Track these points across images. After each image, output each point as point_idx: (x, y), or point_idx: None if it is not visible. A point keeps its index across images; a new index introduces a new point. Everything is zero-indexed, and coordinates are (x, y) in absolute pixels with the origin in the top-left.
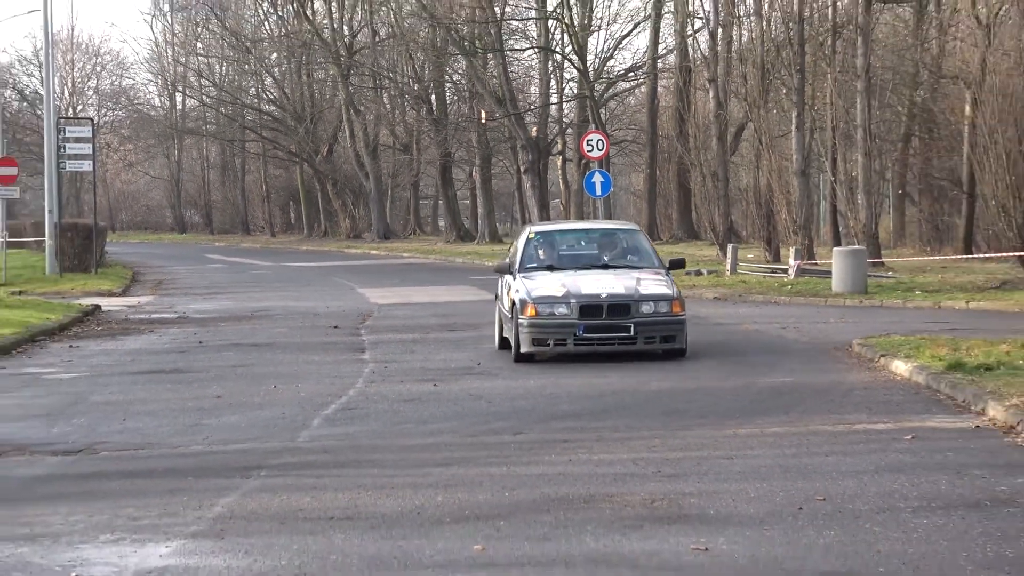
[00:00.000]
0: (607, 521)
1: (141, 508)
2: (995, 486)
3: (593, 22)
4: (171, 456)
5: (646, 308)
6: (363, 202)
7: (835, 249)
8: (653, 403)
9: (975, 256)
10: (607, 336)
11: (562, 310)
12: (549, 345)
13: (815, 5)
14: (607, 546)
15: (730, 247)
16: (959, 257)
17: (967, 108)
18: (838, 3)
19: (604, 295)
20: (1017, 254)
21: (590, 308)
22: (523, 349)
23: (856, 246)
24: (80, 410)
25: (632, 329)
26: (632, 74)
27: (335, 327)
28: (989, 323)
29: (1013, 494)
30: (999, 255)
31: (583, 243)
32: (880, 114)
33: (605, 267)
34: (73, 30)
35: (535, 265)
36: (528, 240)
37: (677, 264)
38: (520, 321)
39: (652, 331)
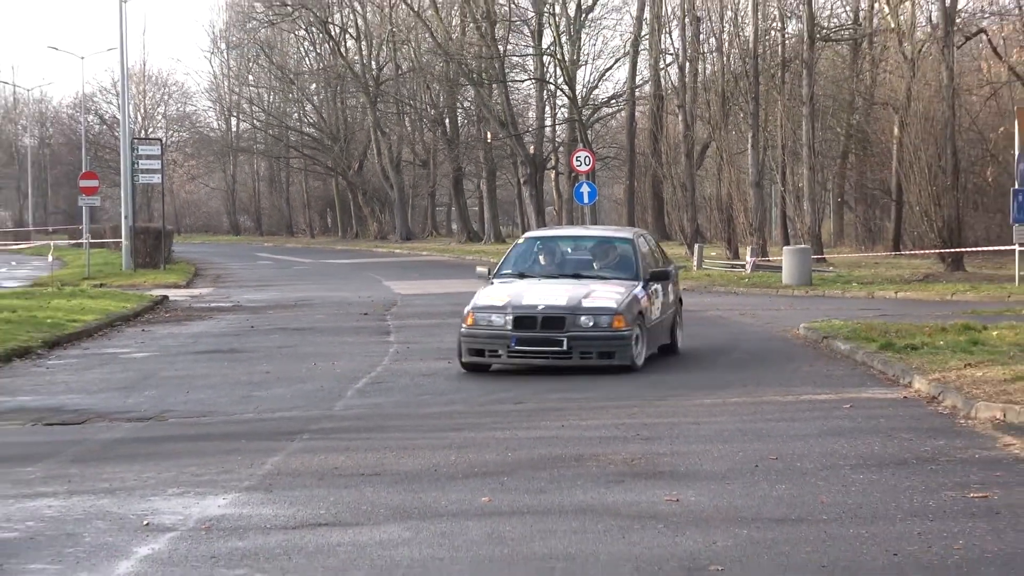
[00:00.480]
0: (594, 477)
1: (202, 466)
2: (920, 447)
3: (581, 57)
4: (227, 422)
5: (585, 321)
6: (388, 209)
7: (784, 248)
8: (632, 377)
9: (902, 253)
10: (540, 349)
11: (498, 320)
12: (484, 355)
13: (767, 42)
14: (594, 498)
15: (696, 246)
16: (889, 254)
17: (895, 129)
18: (786, 41)
19: (541, 306)
20: (938, 251)
21: (524, 319)
22: (463, 359)
23: (802, 245)
24: (151, 384)
25: (565, 343)
26: (614, 101)
27: (365, 314)
28: (915, 310)
29: (935, 454)
30: (922, 252)
31: (569, 251)
32: (822, 134)
33: (575, 276)
34: (145, 65)
35: (509, 272)
36: (515, 246)
37: (660, 276)
38: (460, 329)
39: (588, 346)
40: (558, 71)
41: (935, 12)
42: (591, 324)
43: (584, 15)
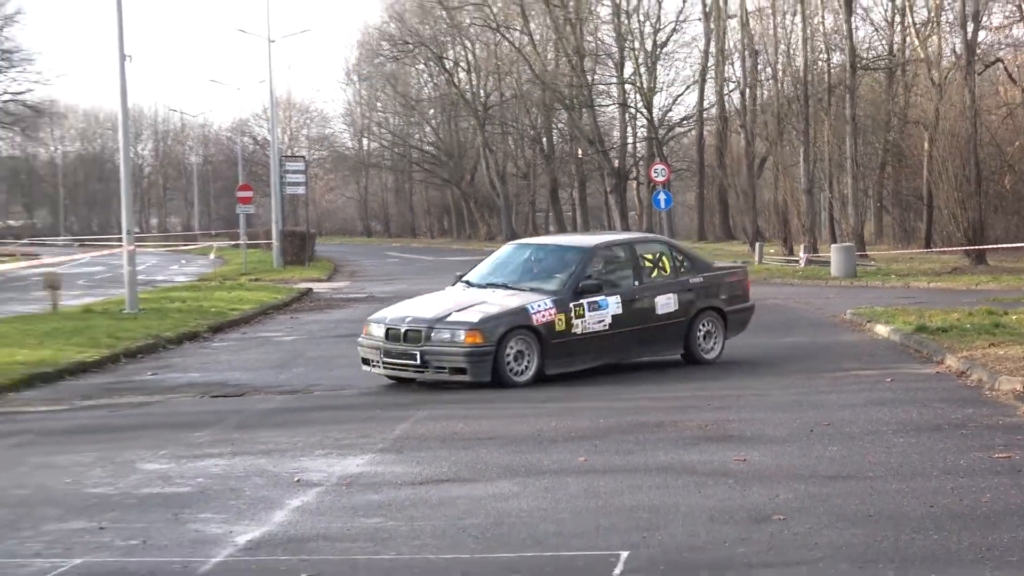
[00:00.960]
0: (673, 440)
1: (343, 432)
2: (951, 415)
3: (657, 85)
4: (363, 395)
5: (440, 336)
6: (495, 214)
7: (832, 245)
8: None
9: (933, 250)
10: (400, 362)
11: (377, 332)
12: (370, 364)
13: (815, 71)
14: (673, 458)
15: (757, 245)
16: (921, 251)
17: (925, 144)
18: (832, 70)
19: (408, 319)
20: (963, 248)
21: (392, 332)
22: (362, 367)
23: (847, 243)
24: (299, 362)
25: (419, 357)
26: (685, 122)
27: None
28: (945, 298)
29: (964, 420)
30: (950, 249)
31: (531, 259)
32: (863, 149)
33: (504, 287)
34: (290, 94)
35: (469, 278)
36: (492, 254)
37: (590, 289)
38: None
39: (441, 360)
40: (638, 97)
41: (958, 44)
42: (447, 338)
43: (659, 49)
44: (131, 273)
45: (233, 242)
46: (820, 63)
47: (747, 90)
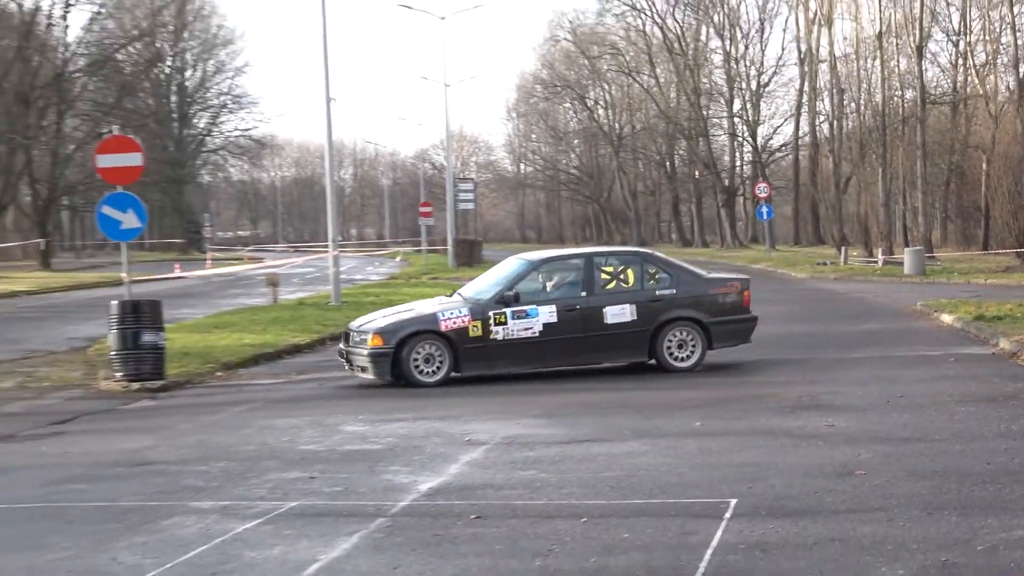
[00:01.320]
0: (773, 409)
1: (502, 404)
2: (1005, 388)
3: (760, 118)
4: (518, 374)
5: (359, 338)
6: (628, 225)
7: (905, 249)
8: (799, 340)
9: (989, 252)
10: (341, 360)
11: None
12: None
13: (891, 105)
14: (774, 423)
15: (843, 248)
16: (980, 253)
17: (983, 165)
18: (905, 104)
19: (355, 324)
20: (1015, 251)
21: (346, 334)
22: None
23: (918, 247)
24: None
25: (345, 355)
26: (784, 148)
27: None
28: (999, 292)
29: (1016, 392)
30: (1004, 251)
31: (500, 272)
32: (931, 169)
33: (461, 297)
34: (462, 128)
35: (456, 292)
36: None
37: (509, 300)
38: None
39: (355, 359)
40: (744, 128)
41: (1012, 82)
42: (359, 340)
43: (762, 89)
44: (335, 273)
45: (416, 248)
46: (895, 99)
47: (835, 121)
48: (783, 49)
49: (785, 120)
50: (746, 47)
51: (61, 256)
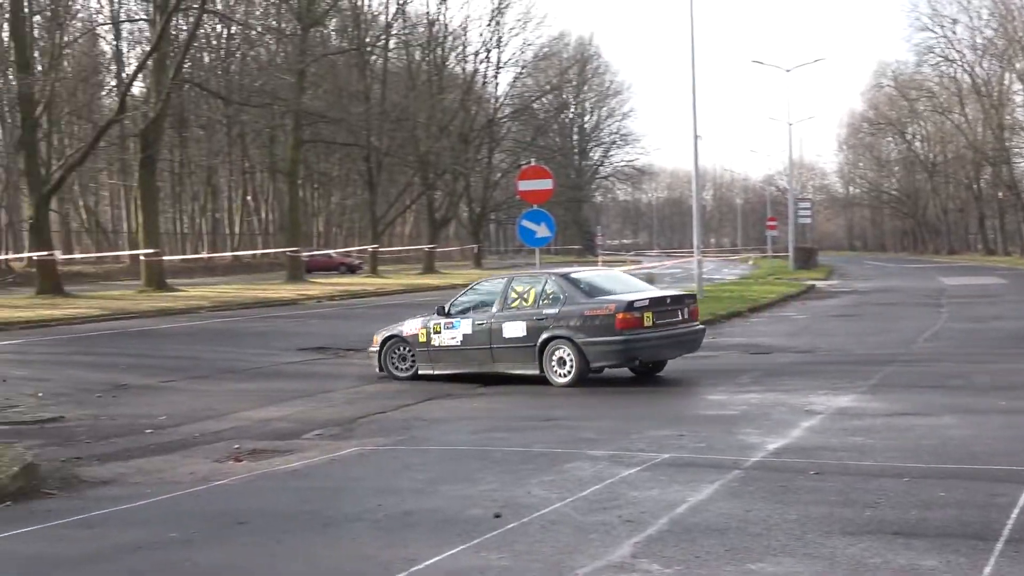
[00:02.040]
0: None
1: (836, 379)
2: None
3: None
4: (847, 355)
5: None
6: (938, 237)
7: None
8: (970, 336)
9: None
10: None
11: None
12: None
13: None
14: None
15: None
16: None
17: None
18: None
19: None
20: None
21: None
22: None
23: None
24: (806, 333)
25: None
26: None
27: (934, 299)
28: None
29: None
30: None
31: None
32: None
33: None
34: (801, 157)
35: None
36: None
37: (441, 312)
38: None
39: (372, 356)
40: None
41: None
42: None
43: None
44: (698, 274)
45: (762, 254)
46: None
47: None
48: None
49: None
50: None
51: (488, 258)
